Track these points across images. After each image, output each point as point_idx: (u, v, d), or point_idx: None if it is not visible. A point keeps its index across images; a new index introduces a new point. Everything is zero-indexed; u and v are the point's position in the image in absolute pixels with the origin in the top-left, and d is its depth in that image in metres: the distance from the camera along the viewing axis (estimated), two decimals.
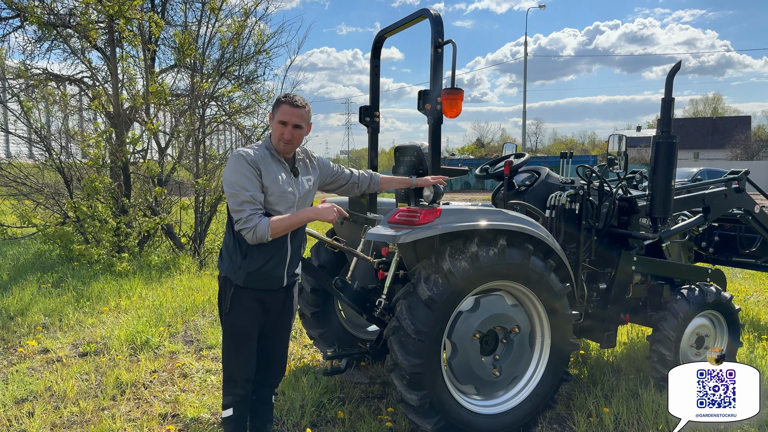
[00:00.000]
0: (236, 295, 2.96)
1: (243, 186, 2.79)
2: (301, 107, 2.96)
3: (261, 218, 2.79)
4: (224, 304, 2.99)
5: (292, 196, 2.98)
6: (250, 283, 2.95)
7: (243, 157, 2.85)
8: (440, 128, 3.69)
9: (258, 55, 11.68)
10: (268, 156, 2.95)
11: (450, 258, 3.32)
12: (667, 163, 4.22)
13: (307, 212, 2.94)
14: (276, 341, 3.22)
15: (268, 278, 2.99)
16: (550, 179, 4.57)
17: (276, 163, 2.96)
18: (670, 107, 4.22)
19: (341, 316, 4.83)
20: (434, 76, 3.60)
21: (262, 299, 3.01)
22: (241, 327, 3.01)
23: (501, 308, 3.54)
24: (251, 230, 2.77)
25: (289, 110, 2.93)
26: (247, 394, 3.08)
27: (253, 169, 2.83)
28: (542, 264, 3.54)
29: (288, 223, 2.86)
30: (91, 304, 6.72)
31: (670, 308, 4.31)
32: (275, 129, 2.96)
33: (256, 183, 2.82)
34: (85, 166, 9.85)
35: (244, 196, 2.78)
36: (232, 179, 2.83)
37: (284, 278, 3.06)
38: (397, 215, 3.46)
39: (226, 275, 2.99)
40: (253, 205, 2.79)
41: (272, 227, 2.79)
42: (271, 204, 2.90)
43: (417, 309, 3.25)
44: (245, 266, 2.92)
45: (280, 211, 2.91)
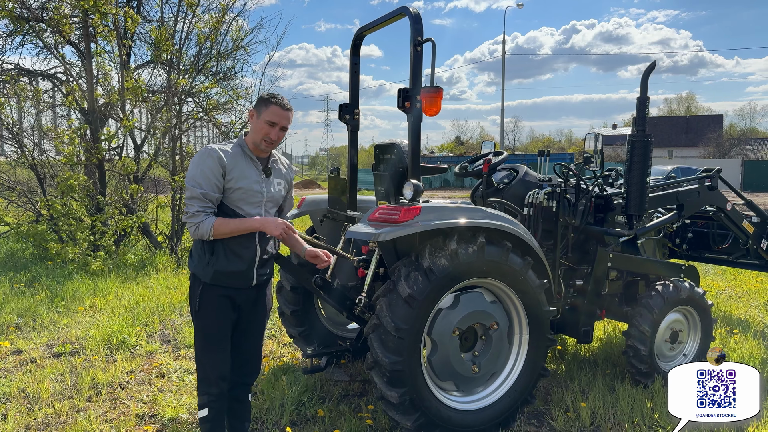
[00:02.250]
0: (205, 292, 2.95)
1: (198, 182, 2.82)
2: (289, 110, 2.99)
3: (207, 217, 2.83)
4: (194, 301, 2.99)
5: (258, 196, 2.97)
6: (218, 280, 2.94)
7: (210, 154, 2.85)
8: (420, 126, 3.69)
9: (236, 51, 11.60)
10: (240, 154, 2.94)
11: (430, 255, 3.34)
12: (642, 161, 4.29)
13: (254, 221, 2.91)
14: (249, 339, 3.20)
15: (237, 277, 2.98)
16: (528, 177, 4.61)
17: (247, 161, 2.96)
18: (645, 106, 4.29)
19: (321, 315, 4.82)
20: (414, 75, 3.61)
21: (231, 296, 3.00)
22: (212, 325, 3.00)
23: (480, 305, 3.57)
24: (195, 226, 2.83)
25: (279, 112, 2.94)
26: (222, 393, 3.05)
27: (218, 167, 2.83)
28: (520, 261, 3.58)
29: (232, 228, 2.86)
30: (66, 304, 6.61)
31: (645, 304, 4.39)
32: (260, 128, 2.94)
33: (212, 181, 2.82)
34: (58, 164, 9.67)
35: (196, 192, 2.81)
36: (191, 173, 2.86)
37: (253, 277, 3.04)
38: (377, 213, 3.46)
39: (195, 272, 2.99)
40: (202, 202, 2.82)
41: (215, 228, 2.82)
42: (234, 201, 2.91)
43: (397, 306, 3.26)
44: (213, 264, 2.92)
45: (243, 209, 2.93)
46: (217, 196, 2.86)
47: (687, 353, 4.66)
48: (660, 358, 4.47)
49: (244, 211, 2.94)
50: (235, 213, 2.92)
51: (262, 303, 3.21)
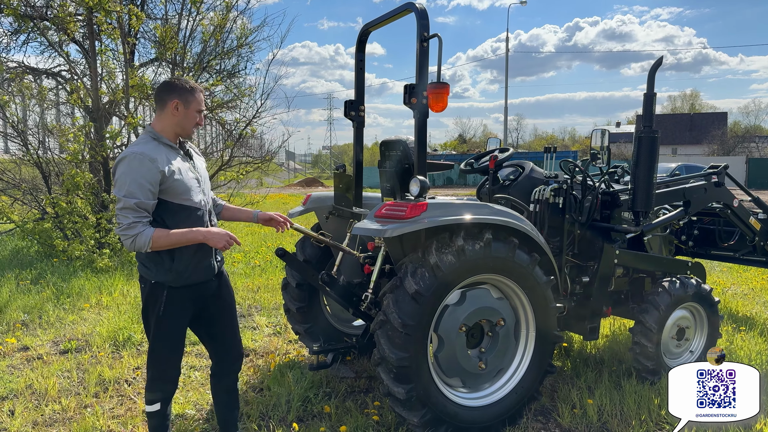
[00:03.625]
0: (170, 296, 2.89)
1: (130, 192, 2.69)
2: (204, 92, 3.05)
3: (145, 227, 2.71)
4: (155, 308, 2.90)
5: (196, 183, 2.96)
6: (183, 280, 2.90)
7: (141, 159, 2.70)
8: (426, 122, 3.69)
9: (240, 49, 11.60)
10: (162, 147, 2.86)
11: (436, 252, 3.33)
12: (649, 158, 4.27)
13: (197, 233, 2.81)
14: (225, 327, 3.20)
15: (200, 271, 2.96)
16: (534, 174, 4.60)
17: (171, 152, 2.89)
18: (651, 102, 4.27)
19: (327, 311, 4.82)
20: (420, 71, 3.60)
21: (197, 293, 2.99)
22: (176, 326, 2.99)
23: (487, 301, 3.56)
24: (131, 238, 2.70)
25: (203, 98, 2.99)
26: (174, 390, 3.12)
27: (153, 172, 2.72)
28: (527, 257, 3.57)
29: (173, 240, 2.76)
30: (72, 301, 6.62)
31: (652, 301, 4.38)
32: (191, 118, 2.92)
33: (146, 188, 2.70)
34: (63, 161, 9.69)
35: (129, 203, 2.68)
36: (121, 182, 2.71)
37: (214, 266, 3.05)
38: (383, 209, 3.45)
39: (156, 280, 2.88)
40: (136, 213, 2.70)
41: (155, 240, 2.71)
42: (178, 196, 2.84)
43: (404, 303, 3.26)
44: (175, 266, 2.86)
45: (191, 199, 2.89)
46: (152, 203, 2.76)
47: (694, 350, 4.65)
48: (667, 355, 4.46)
49: (191, 201, 2.90)
50: (182, 206, 2.87)
51: (226, 290, 3.20)
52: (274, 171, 37.16)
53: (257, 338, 5.50)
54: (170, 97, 2.88)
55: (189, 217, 2.89)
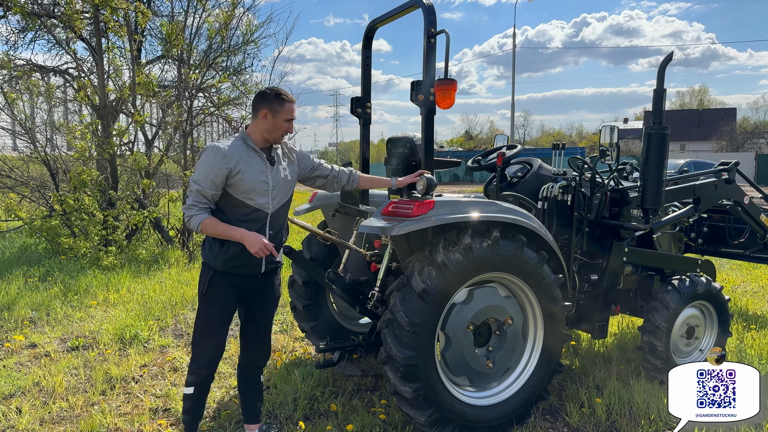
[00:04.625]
0: (214, 278, 3.11)
1: (197, 178, 2.97)
2: (295, 102, 3.20)
3: (200, 212, 2.98)
4: (203, 285, 3.14)
5: (265, 185, 3.08)
6: (228, 268, 3.08)
7: (214, 152, 2.97)
8: (433, 119, 3.66)
9: (246, 46, 11.58)
10: (243, 148, 3.06)
11: (444, 250, 3.30)
12: (658, 154, 4.22)
13: (236, 231, 2.99)
14: (260, 326, 3.35)
15: (246, 264, 3.10)
16: (542, 171, 4.56)
17: (251, 154, 3.07)
18: (662, 98, 4.23)
19: (333, 309, 4.80)
20: (427, 67, 3.57)
21: (240, 284, 3.14)
22: (215, 310, 3.15)
23: (494, 300, 3.54)
24: (188, 218, 3.01)
25: (293, 108, 3.15)
26: (209, 377, 3.24)
27: (221, 165, 2.94)
28: (535, 255, 3.54)
29: (218, 231, 3.00)
30: (79, 298, 6.65)
31: (661, 299, 4.33)
32: (280, 126, 3.10)
33: (209, 179, 2.94)
34: (70, 159, 9.72)
35: (193, 187, 2.98)
36: (196, 167, 3.02)
37: (262, 264, 3.16)
38: (390, 207, 3.43)
39: (206, 261, 3.14)
40: (197, 197, 2.98)
41: (203, 226, 2.98)
42: (243, 193, 3.02)
43: (411, 301, 3.24)
44: (223, 253, 3.06)
45: (254, 199, 3.06)
46: (212, 192, 2.98)
47: (703, 349, 4.60)
48: (676, 354, 4.41)
49: (254, 201, 3.06)
50: (244, 204, 3.05)
51: (271, 292, 3.32)
52: None
53: None
54: (261, 106, 3.10)
55: (248, 215, 3.06)
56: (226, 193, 3.03)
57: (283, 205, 3.24)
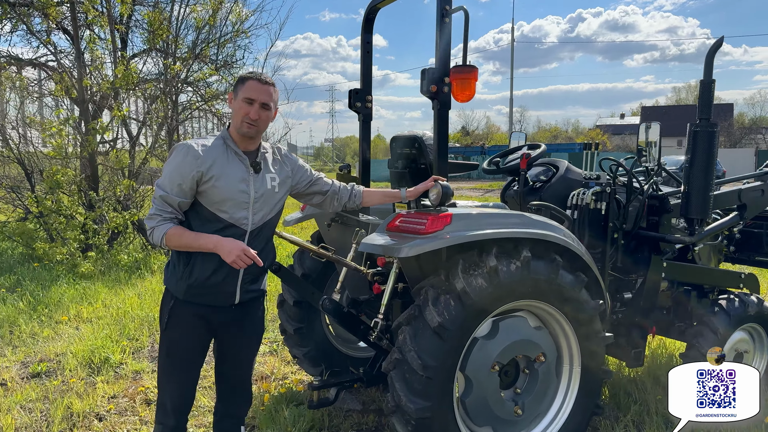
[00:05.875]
0: (176, 309, 2.56)
1: (163, 183, 2.44)
2: (269, 84, 2.56)
3: (164, 223, 2.44)
4: (163, 317, 2.61)
5: (244, 197, 2.52)
6: (191, 296, 2.53)
7: (183, 151, 2.45)
8: (448, 114, 3.07)
9: (236, 37, 10.94)
10: (221, 149, 2.52)
11: (463, 274, 2.71)
12: (706, 156, 3.62)
13: (207, 241, 2.42)
14: (236, 367, 2.78)
15: (214, 292, 2.54)
16: (570, 174, 3.96)
17: (230, 157, 2.52)
18: (710, 90, 3.64)
19: (329, 332, 4.20)
20: (442, 52, 2.97)
21: (206, 316, 2.58)
22: (178, 347, 2.60)
23: (524, 333, 2.94)
24: (150, 230, 2.46)
25: (257, 86, 2.52)
26: (178, 427, 2.68)
27: (190, 166, 2.41)
28: (572, 278, 2.95)
29: (185, 241, 2.45)
30: (49, 312, 6.03)
31: (708, 322, 3.76)
32: (239, 109, 2.52)
33: (175, 183, 2.41)
34: (47, 157, 9.07)
35: (157, 192, 2.45)
36: (163, 170, 2.51)
37: (236, 294, 2.58)
38: (397, 221, 2.84)
39: (167, 286, 2.60)
40: (161, 206, 2.44)
41: (168, 238, 2.43)
42: (215, 204, 2.47)
43: (424, 338, 2.64)
44: (186, 276, 2.51)
45: (228, 212, 2.49)
46: (179, 200, 2.43)
47: None
48: None
49: (228, 214, 2.49)
50: (216, 217, 2.48)
51: (250, 326, 2.74)
52: None
53: None
54: (232, 90, 2.61)
55: (220, 231, 2.48)
56: (195, 202, 2.48)
57: (268, 222, 2.63)
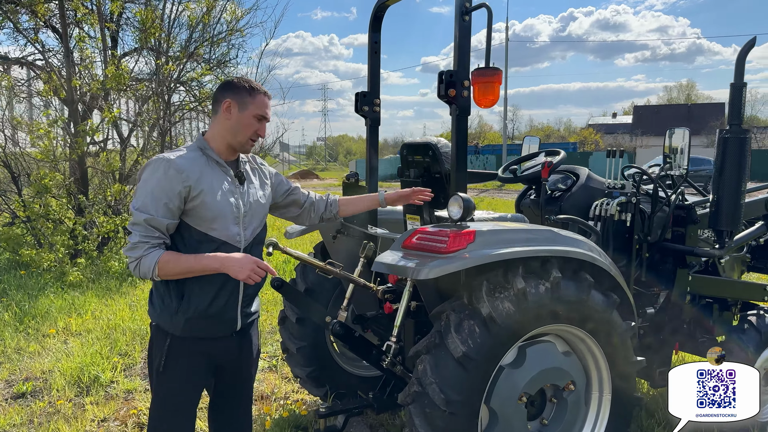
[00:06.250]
0: (173, 347, 2.28)
1: (145, 205, 2.14)
2: (271, 98, 2.40)
3: (152, 250, 2.14)
4: (157, 359, 2.30)
5: (234, 210, 2.30)
6: (191, 331, 2.27)
7: (164, 165, 2.15)
8: (467, 121, 2.83)
9: (231, 36, 10.66)
10: (203, 160, 2.26)
11: (488, 297, 2.47)
12: (737, 164, 3.40)
13: (212, 261, 2.17)
14: (234, 403, 2.56)
15: (217, 322, 2.32)
16: (591, 183, 3.72)
17: (213, 169, 2.29)
18: (740, 94, 3.42)
19: (334, 350, 3.95)
20: (460, 53, 2.73)
21: (208, 351, 2.34)
22: (179, 390, 2.33)
23: (553, 360, 2.69)
24: (135, 261, 2.14)
25: (267, 102, 2.34)
26: None
27: (177, 183, 2.14)
28: (604, 299, 2.71)
29: (183, 267, 2.17)
30: (36, 325, 5.74)
31: (737, 340, 3.54)
32: (247, 125, 2.30)
33: (162, 203, 2.13)
34: (35, 160, 8.76)
35: (139, 217, 2.14)
36: (138, 191, 2.19)
37: (238, 320, 2.39)
38: (414, 238, 2.59)
39: (159, 323, 2.30)
40: (146, 231, 2.14)
41: (162, 266, 2.13)
42: (205, 223, 2.23)
43: (447, 369, 2.40)
44: (184, 310, 2.24)
45: (220, 230, 2.25)
46: (167, 222, 2.16)
47: None
48: None
49: (219, 232, 2.25)
50: (208, 237, 2.24)
51: (248, 353, 2.52)
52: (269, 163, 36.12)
53: None
54: (223, 96, 2.30)
55: (215, 252, 2.22)
56: (181, 224, 2.22)
57: (258, 236, 2.42)
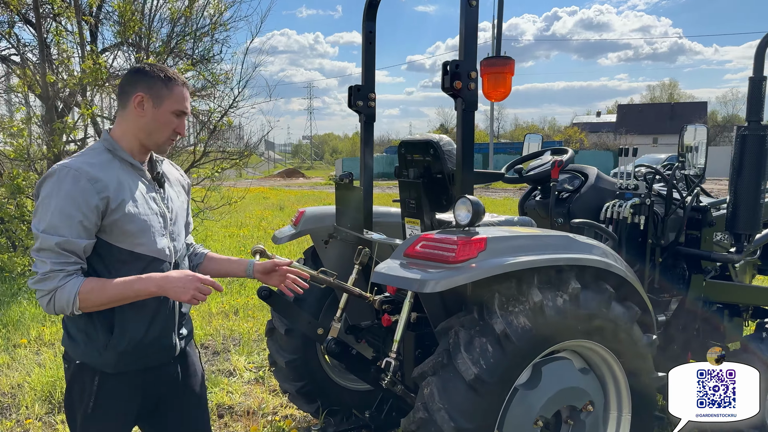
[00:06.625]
0: (104, 387, 1.93)
1: (54, 226, 1.75)
2: (190, 88, 2.07)
3: (69, 279, 1.76)
4: (83, 402, 1.93)
5: (161, 220, 1.99)
6: (126, 365, 1.94)
7: (73, 176, 1.78)
8: (473, 116, 2.59)
9: (214, 30, 10.33)
10: (116, 164, 1.91)
11: (501, 311, 2.22)
12: (756, 163, 3.18)
13: (147, 281, 1.82)
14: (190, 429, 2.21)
15: (154, 351, 2.00)
16: (601, 183, 3.50)
17: (130, 172, 1.94)
18: (760, 88, 3.20)
19: (325, 362, 3.69)
20: (466, 42, 2.49)
21: (146, 384, 2.02)
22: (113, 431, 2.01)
23: (571, 379, 2.46)
24: (48, 296, 1.75)
25: (186, 95, 1.99)
26: None
27: (92, 194, 1.78)
28: (624, 312, 2.49)
29: (111, 295, 1.80)
30: (7, 333, 5.41)
31: (756, 350, 3.33)
32: (165, 123, 1.96)
33: (76, 222, 1.76)
34: (9, 159, 8.37)
35: (48, 241, 1.75)
36: (42, 209, 1.79)
37: (176, 344, 2.07)
38: (419, 246, 2.34)
39: (83, 361, 1.92)
40: (59, 257, 1.76)
41: (84, 297, 1.76)
42: (127, 238, 1.89)
43: (457, 393, 2.15)
44: (115, 344, 1.89)
45: (145, 244, 1.92)
46: (84, 243, 1.80)
47: None
48: None
49: (147, 248, 1.93)
50: (133, 255, 1.90)
51: (192, 376, 2.19)
52: (254, 162, 35.67)
53: (234, 389, 4.34)
54: (134, 88, 1.93)
55: (144, 271, 1.90)
56: (99, 242, 1.85)
57: (183, 245, 2.13)
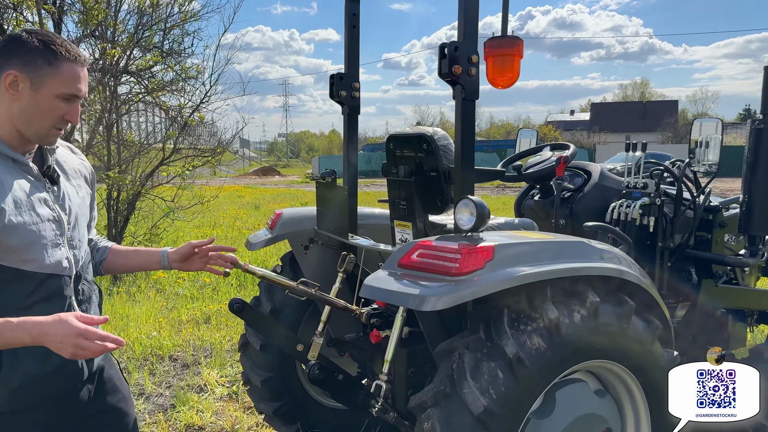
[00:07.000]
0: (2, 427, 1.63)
1: None
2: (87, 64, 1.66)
3: None
4: None
5: (53, 227, 1.63)
6: (23, 401, 1.62)
7: None
8: (474, 107, 2.29)
9: (185, 21, 9.85)
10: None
11: (512, 330, 1.92)
12: None
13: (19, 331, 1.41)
14: None
15: (57, 380, 1.67)
16: (605, 182, 3.22)
17: (11, 169, 1.57)
18: None
19: (306, 380, 3.35)
20: (466, 22, 2.20)
21: (51, 417, 1.69)
22: None
23: (587, 404, 2.17)
24: None
25: (78, 72, 1.60)
26: None
27: None
28: (644, 326, 2.21)
29: None
30: None
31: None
32: (48, 110, 1.57)
33: None
34: None
35: None
36: None
37: (82, 368, 1.72)
38: (415, 254, 2.03)
39: None
40: None
41: None
42: (17, 252, 1.54)
43: (463, 428, 1.84)
44: (6, 380, 1.57)
45: (36, 260, 1.57)
46: None
47: None
48: None
49: (38, 264, 1.58)
50: (21, 273, 1.55)
51: (112, 390, 1.87)
52: (228, 160, 35.08)
53: (205, 407, 3.96)
54: (5, 64, 1.55)
55: (36, 292, 1.57)
56: None
57: (88, 251, 1.80)
